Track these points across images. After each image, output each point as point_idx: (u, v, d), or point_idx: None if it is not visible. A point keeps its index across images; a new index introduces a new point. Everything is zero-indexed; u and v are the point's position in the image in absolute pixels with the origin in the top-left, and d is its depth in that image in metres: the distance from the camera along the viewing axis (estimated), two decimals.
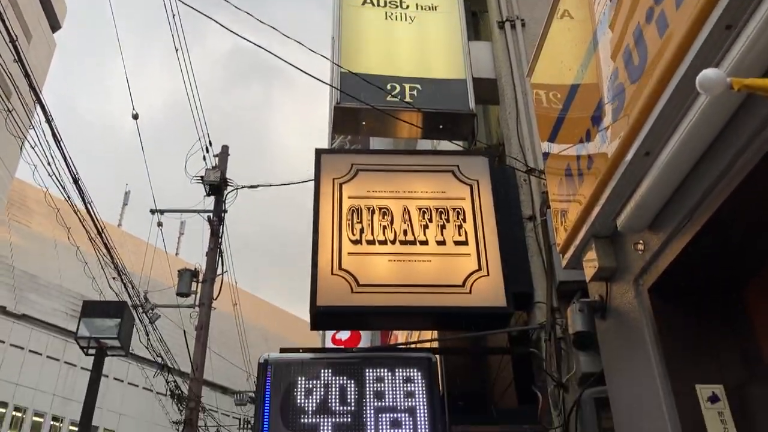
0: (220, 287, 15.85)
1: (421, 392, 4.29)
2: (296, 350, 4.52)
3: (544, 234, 4.59)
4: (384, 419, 4.18)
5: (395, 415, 4.20)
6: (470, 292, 4.57)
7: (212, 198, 17.52)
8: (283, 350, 4.52)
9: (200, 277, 15.99)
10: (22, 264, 33.71)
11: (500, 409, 5.10)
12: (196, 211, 17.54)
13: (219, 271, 16.34)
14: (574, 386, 4.16)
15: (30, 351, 33.43)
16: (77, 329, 10.47)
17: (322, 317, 4.51)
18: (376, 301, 4.51)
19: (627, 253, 3.08)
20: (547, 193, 4.32)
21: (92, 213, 10.65)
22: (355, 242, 4.72)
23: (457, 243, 4.76)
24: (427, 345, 4.90)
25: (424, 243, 4.75)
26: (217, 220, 16.78)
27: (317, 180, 4.85)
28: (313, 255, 4.61)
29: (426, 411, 4.21)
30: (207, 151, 17.01)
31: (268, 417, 4.19)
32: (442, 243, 4.76)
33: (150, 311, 16.14)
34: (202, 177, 16.85)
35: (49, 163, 9.40)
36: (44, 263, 35.16)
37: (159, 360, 14.58)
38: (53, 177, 8.95)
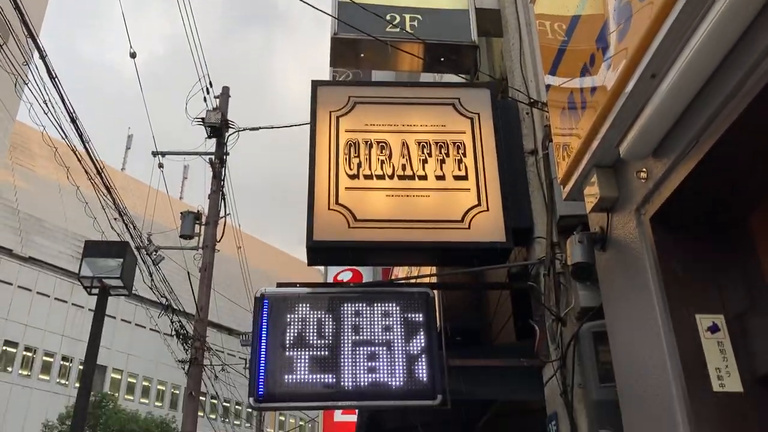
0: (223, 230, 15.85)
1: (418, 327, 4.24)
2: (293, 285, 4.46)
3: (546, 168, 4.48)
4: (381, 354, 4.15)
5: (392, 349, 4.17)
6: (469, 228, 4.49)
7: (214, 141, 17.36)
8: (280, 285, 4.46)
9: (203, 220, 15.96)
10: (26, 207, 33.83)
11: (498, 345, 5.09)
12: (198, 154, 17.36)
13: (222, 213, 16.32)
14: (572, 321, 4.12)
15: (38, 293, 33.87)
16: (80, 269, 10.50)
17: (319, 252, 4.45)
18: (374, 236, 4.44)
19: (629, 182, 2.98)
20: (549, 126, 4.19)
21: (90, 152, 10.49)
22: (353, 177, 4.62)
23: (456, 178, 4.66)
24: (426, 281, 4.85)
25: (423, 178, 4.65)
26: (218, 162, 16.66)
27: (313, 113, 4.71)
28: (310, 190, 4.52)
29: (424, 346, 4.17)
30: (207, 93, 16.72)
31: (266, 352, 4.16)
32: (441, 178, 4.65)
33: (153, 253, 16.17)
34: (202, 119, 16.64)
35: (45, 102, 9.26)
36: (48, 206, 35.25)
37: (163, 301, 14.68)
38: (49, 115, 8.78)
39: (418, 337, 4.24)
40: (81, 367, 33.62)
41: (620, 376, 3.15)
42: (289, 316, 4.27)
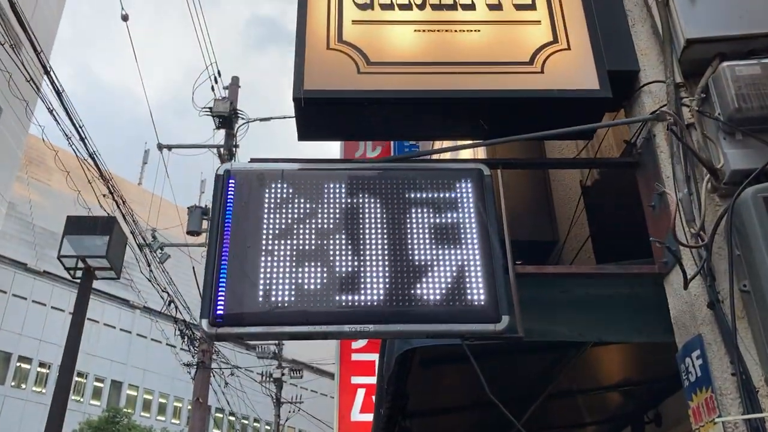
0: None
1: (470, 220, 2.71)
2: (275, 160, 2.88)
3: None
4: (415, 256, 2.62)
5: (432, 250, 2.63)
6: (543, 72, 2.90)
7: (223, 133, 16.11)
8: (254, 160, 2.90)
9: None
10: (42, 221, 32.77)
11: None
12: (206, 146, 16.13)
13: None
14: (712, 198, 2.50)
15: (52, 307, 32.66)
16: (60, 248, 8.99)
17: (311, 111, 2.88)
18: (397, 83, 2.87)
19: None
20: None
21: (96, 157, 9.52)
22: (363, 6, 3.06)
23: (519, 7, 3.09)
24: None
25: (469, 7, 3.08)
26: (228, 154, 15.41)
27: None
28: (299, 20, 2.95)
29: (479, 246, 2.64)
30: (216, 82, 15.45)
31: (229, 252, 2.63)
32: (496, 7, 3.08)
33: (159, 250, 14.76)
34: (210, 108, 15.35)
35: (54, 116, 8.32)
36: (64, 220, 34.21)
37: (165, 296, 13.19)
38: (58, 127, 7.90)
39: (469, 233, 2.69)
40: (95, 383, 32.21)
41: None
42: (267, 202, 2.72)
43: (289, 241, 2.64)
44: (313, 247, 2.63)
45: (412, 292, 2.54)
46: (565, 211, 4.13)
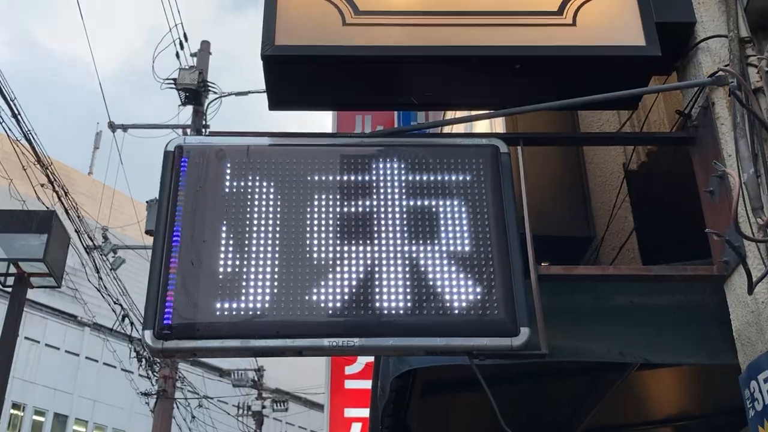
0: None
1: (482, 208, 2.68)
2: (240, 134, 2.84)
3: None
4: (414, 254, 2.60)
5: (435, 247, 2.61)
6: (574, 24, 2.85)
7: (190, 110, 16.20)
8: (213, 134, 2.87)
9: None
10: None
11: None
12: (169, 126, 16.24)
13: None
14: None
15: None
16: None
17: (285, 72, 2.84)
18: (392, 37, 2.82)
19: None
20: None
21: (33, 142, 9.51)
22: None
23: None
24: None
25: None
26: (195, 135, 15.38)
27: None
28: None
29: (493, 241, 2.61)
30: (181, 47, 15.53)
31: (180, 248, 2.59)
32: None
33: (111, 254, 14.82)
34: (174, 79, 15.40)
35: None
36: None
37: (117, 309, 13.20)
38: None
39: (481, 225, 2.66)
40: (35, 418, 32.34)
41: None
42: (229, 186, 2.70)
43: (256, 235, 2.61)
44: (286, 243, 2.60)
45: (409, 298, 2.51)
46: (603, 201, 4.08)
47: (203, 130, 15.30)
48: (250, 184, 2.69)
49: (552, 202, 4.03)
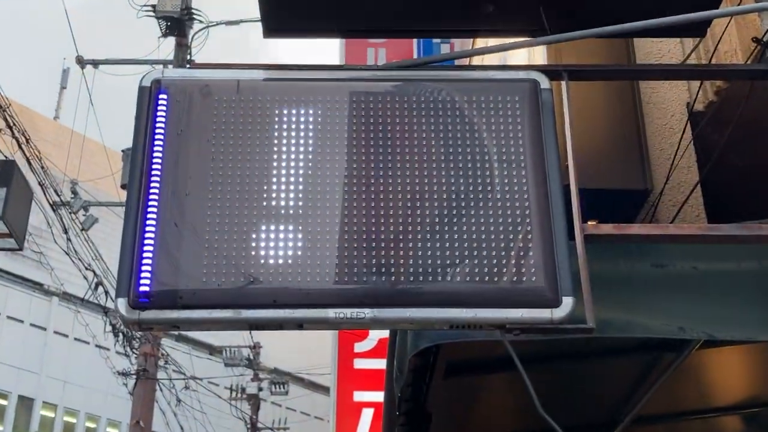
0: None
1: (518, 156, 2.67)
2: (230, 66, 2.82)
3: None
4: (430, 213, 2.58)
5: (452, 210, 2.60)
6: None
7: (172, 42, 16.28)
8: (197, 66, 2.86)
9: None
10: None
11: None
12: (147, 62, 16.34)
13: None
14: None
15: None
16: None
17: None
18: None
19: None
20: None
21: None
22: None
23: None
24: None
25: None
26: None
27: None
28: None
29: (530, 196, 2.61)
30: None
31: (161, 203, 2.57)
32: None
33: (82, 211, 14.96)
34: (153, 6, 15.43)
35: None
36: None
37: (90, 276, 13.34)
38: None
39: (516, 176, 2.65)
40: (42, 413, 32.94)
41: None
42: (216, 129, 2.68)
43: (248, 187, 2.60)
44: (284, 196, 2.59)
45: (430, 261, 2.50)
46: (663, 147, 4.07)
47: (187, 65, 15.28)
48: (241, 126, 2.67)
49: (602, 149, 4.01)
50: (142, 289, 2.44)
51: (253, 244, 2.52)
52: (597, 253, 2.62)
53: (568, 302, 2.44)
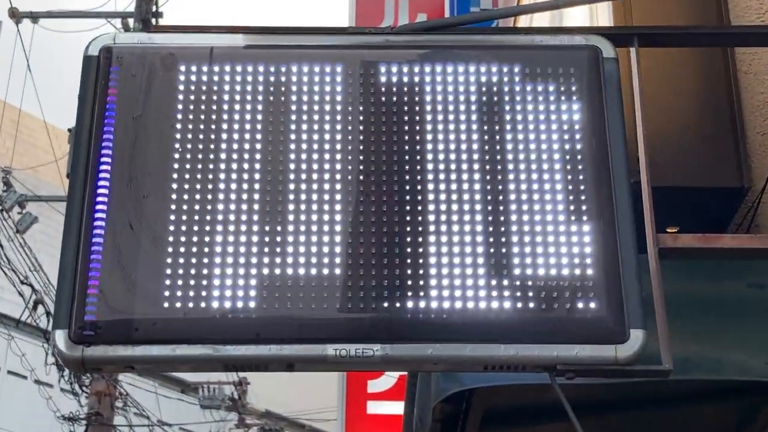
0: None
1: (573, 150, 2.73)
2: (201, 29, 2.90)
3: None
4: (458, 220, 2.64)
5: (486, 215, 2.66)
6: None
7: None
8: (159, 29, 2.91)
9: None
10: None
11: None
12: (103, 15, 16.63)
13: None
14: None
15: None
16: None
17: None
18: None
19: None
20: None
21: None
22: None
23: None
24: None
25: None
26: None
27: None
28: None
29: (585, 203, 2.65)
30: None
31: (107, 213, 2.62)
32: None
33: (16, 207, 15.15)
34: None
35: None
36: None
37: (27, 292, 13.48)
38: None
39: (570, 170, 2.71)
40: None
41: None
42: (182, 111, 2.75)
43: (224, 186, 2.65)
44: (269, 199, 2.65)
45: (458, 283, 2.55)
46: (765, 132, 4.06)
47: (153, 20, 15.54)
48: (215, 107, 2.73)
49: (683, 136, 4.03)
50: (87, 317, 2.49)
51: (230, 260, 2.56)
52: (675, 271, 2.69)
53: (637, 336, 2.48)
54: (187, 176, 2.65)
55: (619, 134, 2.70)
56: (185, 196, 2.62)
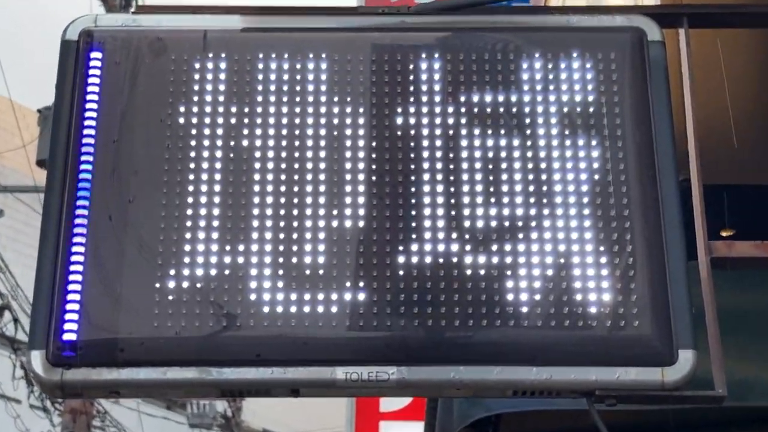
0: None
1: (613, 147, 2.75)
2: (193, 9, 3.01)
3: None
4: (483, 227, 2.67)
5: (517, 220, 2.69)
6: None
7: None
8: (145, 9, 2.96)
9: None
10: None
11: None
12: None
13: None
14: None
15: None
16: None
17: None
18: None
19: None
20: None
21: None
22: None
23: None
24: None
25: None
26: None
27: None
28: None
29: (626, 206, 2.68)
30: None
31: (89, 220, 2.65)
32: None
33: None
34: None
35: None
36: None
37: None
38: None
39: (610, 170, 2.74)
40: None
41: None
42: (173, 103, 2.77)
43: (220, 188, 2.69)
44: (270, 201, 2.68)
45: (484, 297, 2.57)
46: None
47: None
48: (209, 98, 2.76)
49: (740, 129, 4.04)
50: (66, 337, 2.52)
51: (227, 272, 2.60)
52: (728, 281, 2.70)
53: (686, 357, 2.50)
54: (177, 176, 2.67)
55: (666, 127, 2.72)
56: (177, 201, 2.64)
